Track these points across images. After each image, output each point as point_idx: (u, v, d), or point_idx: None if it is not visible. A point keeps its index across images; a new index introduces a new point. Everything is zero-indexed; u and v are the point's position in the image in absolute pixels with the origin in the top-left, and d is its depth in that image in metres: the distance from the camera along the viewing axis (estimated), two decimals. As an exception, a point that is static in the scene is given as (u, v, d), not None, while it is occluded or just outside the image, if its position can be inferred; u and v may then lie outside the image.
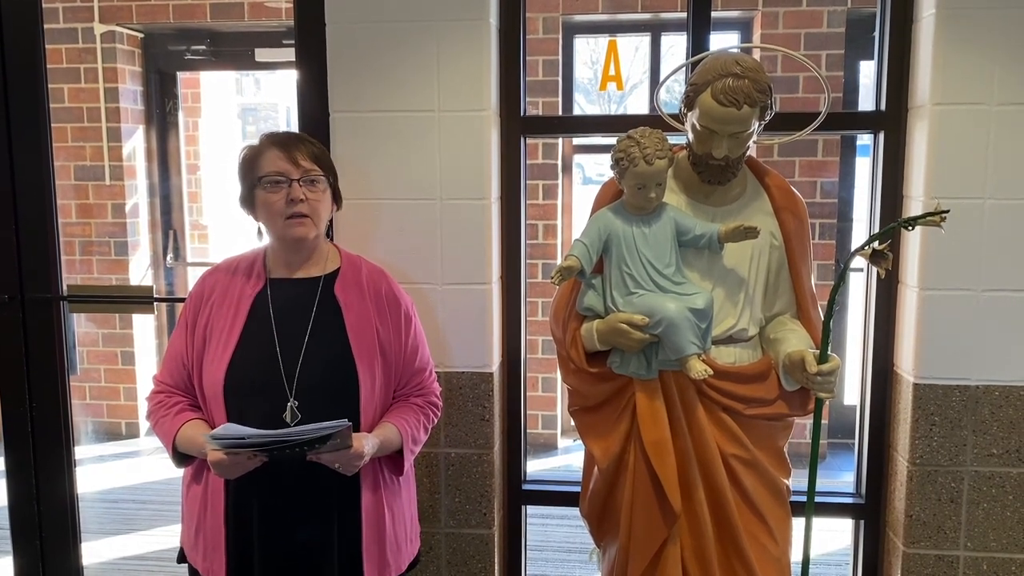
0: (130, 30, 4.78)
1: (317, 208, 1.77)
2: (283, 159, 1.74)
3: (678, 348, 1.73)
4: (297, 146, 1.76)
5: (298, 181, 1.74)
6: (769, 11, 4.31)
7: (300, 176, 1.74)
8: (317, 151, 1.80)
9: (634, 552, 1.87)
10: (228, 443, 1.60)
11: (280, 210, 1.74)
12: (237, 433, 1.60)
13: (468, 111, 2.20)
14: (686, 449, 1.83)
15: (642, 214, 1.80)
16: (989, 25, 2.06)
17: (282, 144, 1.76)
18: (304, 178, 1.75)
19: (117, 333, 4.94)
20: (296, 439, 1.57)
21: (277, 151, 1.75)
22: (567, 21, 4.60)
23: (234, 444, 1.60)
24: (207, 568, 1.79)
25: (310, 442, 1.58)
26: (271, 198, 1.74)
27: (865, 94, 4.54)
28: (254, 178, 1.77)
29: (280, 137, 1.79)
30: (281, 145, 1.76)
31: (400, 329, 1.85)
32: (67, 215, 4.81)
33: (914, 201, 2.18)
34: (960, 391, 2.18)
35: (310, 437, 1.57)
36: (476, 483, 2.35)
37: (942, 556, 2.24)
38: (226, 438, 1.60)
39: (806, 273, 1.91)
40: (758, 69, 1.72)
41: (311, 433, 1.57)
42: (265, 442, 1.58)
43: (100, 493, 4.21)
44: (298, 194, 1.73)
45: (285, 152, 1.75)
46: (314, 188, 1.76)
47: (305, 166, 1.75)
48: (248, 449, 1.60)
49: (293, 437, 1.58)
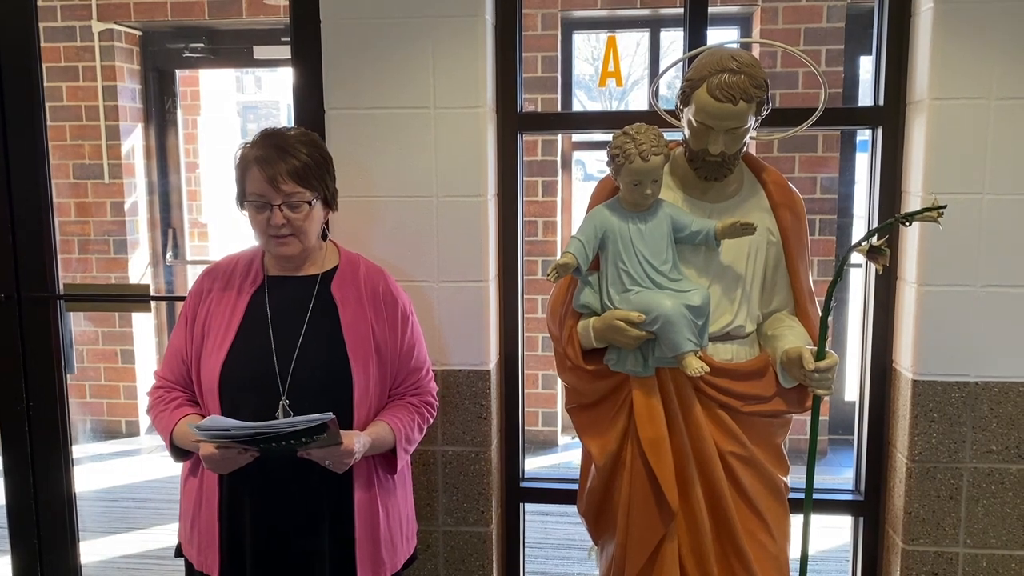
0: (128, 28, 4.78)
1: (302, 227, 1.74)
2: (264, 181, 1.69)
3: (675, 345, 1.72)
4: (279, 165, 1.69)
5: (279, 206, 1.71)
6: (769, 6, 4.30)
7: (281, 201, 1.71)
8: (302, 165, 1.71)
9: (632, 550, 1.87)
10: (213, 434, 1.60)
11: (264, 229, 1.74)
12: (222, 425, 1.61)
13: (464, 108, 2.19)
14: (683, 446, 1.82)
15: (638, 211, 1.79)
16: (988, 19, 2.05)
17: (265, 162, 1.69)
18: (285, 202, 1.71)
19: (116, 332, 4.94)
20: (280, 431, 1.57)
21: (259, 171, 1.69)
22: (566, 17, 4.59)
23: (219, 436, 1.60)
24: (202, 562, 1.81)
25: (296, 435, 1.57)
26: (256, 217, 1.74)
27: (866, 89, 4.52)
28: (242, 189, 1.76)
29: (264, 152, 1.70)
30: (264, 164, 1.69)
31: (396, 328, 1.85)
32: (66, 213, 4.82)
33: (912, 197, 2.17)
34: (959, 387, 2.17)
35: (295, 429, 1.57)
36: (474, 481, 2.35)
37: (941, 553, 2.24)
38: (211, 429, 1.60)
39: (803, 269, 1.90)
40: (754, 64, 1.71)
41: (295, 425, 1.57)
42: (249, 434, 1.58)
43: (99, 491, 4.21)
44: (278, 219, 1.71)
45: (266, 174, 1.69)
46: (297, 211, 1.73)
47: (286, 190, 1.70)
48: (237, 443, 1.61)
49: (277, 429, 1.58)
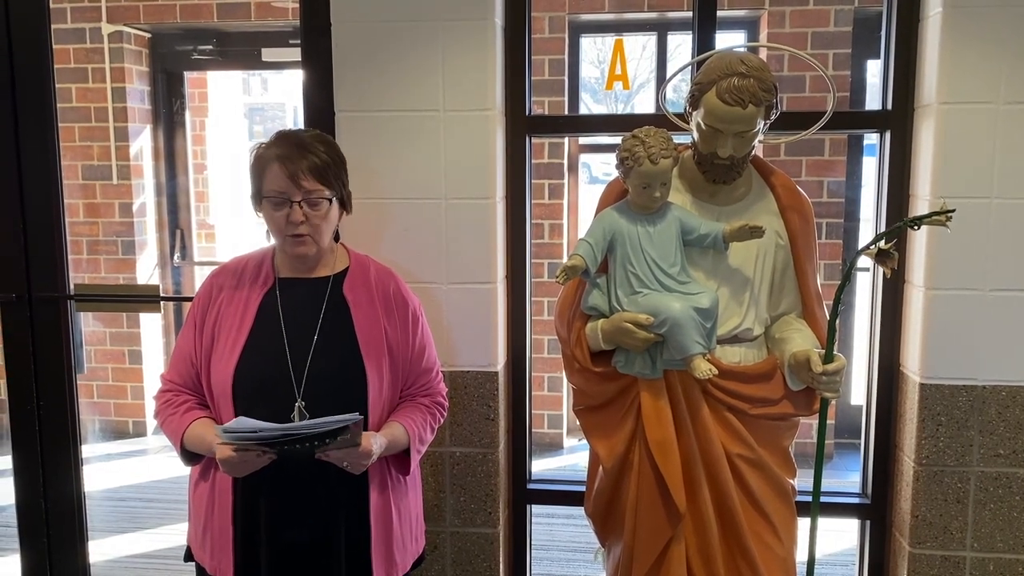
0: (137, 30, 4.80)
1: (319, 226, 1.75)
2: (285, 177, 1.70)
3: (683, 347, 1.72)
4: (300, 162, 1.70)
5: (300, 203, 1.71)
6: (776, 10, 4.30)
7: (301, 198, 1.71)
8: (321, 163, 1.73)
9: (639, 552, 1.87)
10: (240, 436, 1.58)
11: (281, 227, 1.74)
12: (249, 427, 1.58)
13: (473, 110, 2.20)
14: (691, 449, 1.82)
15: (647, 213, 1.80)
16: (997, 23, 2.05)
17: (286, 159, 1.70)
18: (305, 199, 1.72)
19: (124, 332, 4.96)
20: (309, 432, 1.56)
21: (280, 168, 1.71)
22: (573, 20, 4.59)
23: (246, 437, 1.58)
24: (214, 567, 1.79)
25: (321, 436, 1.57)
26: (274, 214, 1.74)
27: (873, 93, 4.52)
28: (260, 187, 1.76)
29: (286, 149, 1.72)
30: (285, 160, 1.70)
31: (408, 329, 1.85)
32: (75, 214, 4.83)
33: (920, 200, 2.17)
34: (967, 391, 2.17)
35: (323, 430, 1.56)
36: (481, 482, 2.35)
37: (948, 557, 2.24)
38: (238, 431, 1.58)
39: (812, 272, 1.90)
40: (763, 68, 1.72)
41: (324, 426, 1.56)
42: (277, 436, 1.57)
43: (107, 491, 4.22)
44: (298, 216, 1.71)
45: (287, 170, 1.70)
46: (316, 208, 1.73)
47: (307, 187, 1.71)
48: (258, 445, 1.59)
49: (306, 430, 1.57)
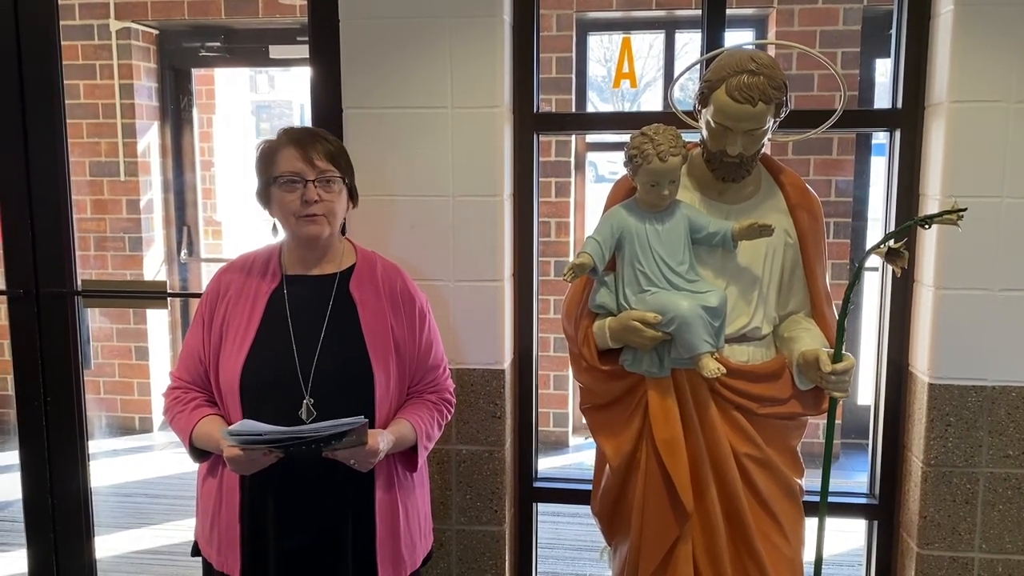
0: (145, 27, 4.81)
1: (332, 208, 1.77)
2: (299, 159, 1.73)
3: (691, 346, 1.72)
4: (314, 145, 1.75)
5: (313, 182, 1.73)
6: (785, 8, 4.29)
7: (316, 177, 1.74)
8: (334, 149, 1.78)
9: (645, 551, 1.87)
10: (245, 439, 1.59)
11: (295, 209, 1.74)
12: (254, 429, 1.59)
13: (481, 107, 2.19)
14: (698, 448, 1.82)
15: (655, 211, 1.79)
16: (1008, 21, 2.03)
17: (299, 142, 1.75)
18: (319, 179, 1.74)
19: (131, 328, 4.97)
20: (313, 435, 1.57)
21: (293, 150, 1.74)
22: (581, 18, 4.59)
23: (251, 440, 1.59)
24: (222, 563, 1.80)
25: (327, 438, 1.58)
26: (286, 197, 1.75)
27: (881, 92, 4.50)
28: (270, 175, 1.76)
29: (297, 135, 1.77)
30: (298, 143, 1.75)
31: (415, 326, 1.85)
32: (82, 211, 4.85)
33: (930, 199, 2.16)
34: (976, 391, 2.16)
35: (327, 434, 1.57)
36: (487, 480, 2.35)
37: (956, 558, 2.23)
38: (243, 434, 1.59)
39: (820, 272, 1.89)
40: (773, 66, 1.71)
41: (329, 430, 1.57)
42: (282, 438, 1.58)
43: (113, 487, 4.24)
44: (312, 195, 1.73)
45: (301, 151, 1.74)
46: (329, 188, 1.76)
47: (321, 166, 1.74)
48: (264, 445, 1.60)
49: (310, 434, 1.57)
